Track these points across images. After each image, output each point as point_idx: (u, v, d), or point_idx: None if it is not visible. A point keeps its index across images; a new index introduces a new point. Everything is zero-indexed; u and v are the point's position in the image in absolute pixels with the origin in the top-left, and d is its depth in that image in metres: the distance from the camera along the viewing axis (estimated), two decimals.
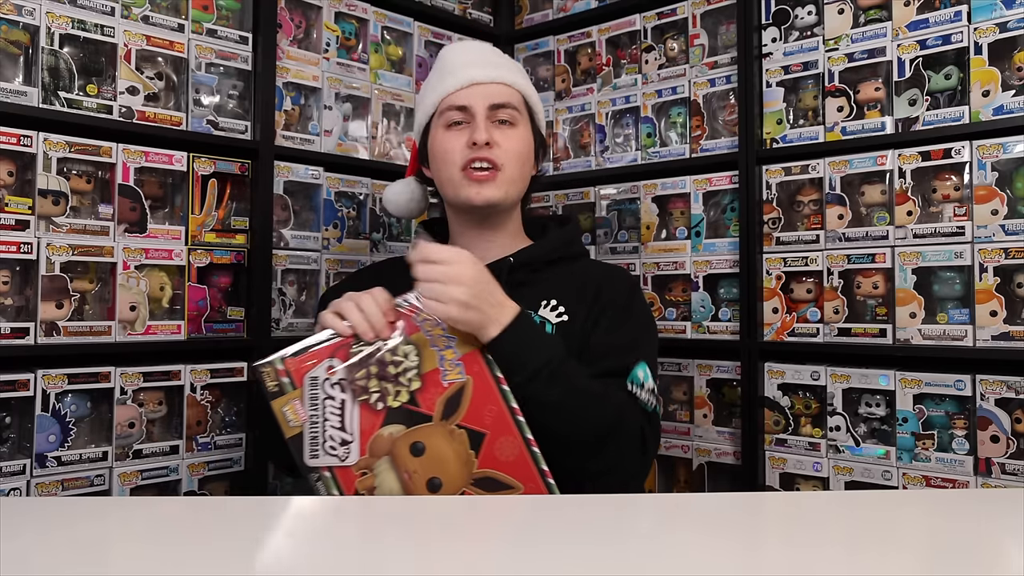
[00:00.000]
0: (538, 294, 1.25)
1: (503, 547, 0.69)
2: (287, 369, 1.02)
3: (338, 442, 1.02)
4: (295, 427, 1.02)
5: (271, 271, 1.67)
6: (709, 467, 1.81)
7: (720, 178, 1.81)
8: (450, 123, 1.26)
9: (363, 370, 1.03)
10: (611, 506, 0.86)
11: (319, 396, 1.03)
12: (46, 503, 1.01)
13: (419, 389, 1.03)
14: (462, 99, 1.25)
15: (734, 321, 1.77)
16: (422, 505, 0.90)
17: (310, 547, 0.69)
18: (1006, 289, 1.46)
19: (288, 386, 1.02)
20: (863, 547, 0.66)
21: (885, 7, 1.62)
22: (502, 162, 1.24)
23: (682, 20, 1.90)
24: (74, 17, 1.45)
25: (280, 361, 1.03)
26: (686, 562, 0.63)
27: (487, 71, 1.28)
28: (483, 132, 1.22)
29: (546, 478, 1.02)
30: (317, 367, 1.02)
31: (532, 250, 1.30)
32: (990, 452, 1.45)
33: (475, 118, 1.24)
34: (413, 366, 1.04)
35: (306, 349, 1.04)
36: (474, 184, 1.23)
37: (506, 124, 1.26)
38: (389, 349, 1.04)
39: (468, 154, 1.23)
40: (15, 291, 1.39)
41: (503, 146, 1.24)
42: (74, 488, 1.41)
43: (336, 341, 1.04)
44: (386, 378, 1.03)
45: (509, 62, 1.35)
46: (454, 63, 1.30)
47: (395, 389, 1.03)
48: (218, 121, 1.62)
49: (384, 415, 1.03)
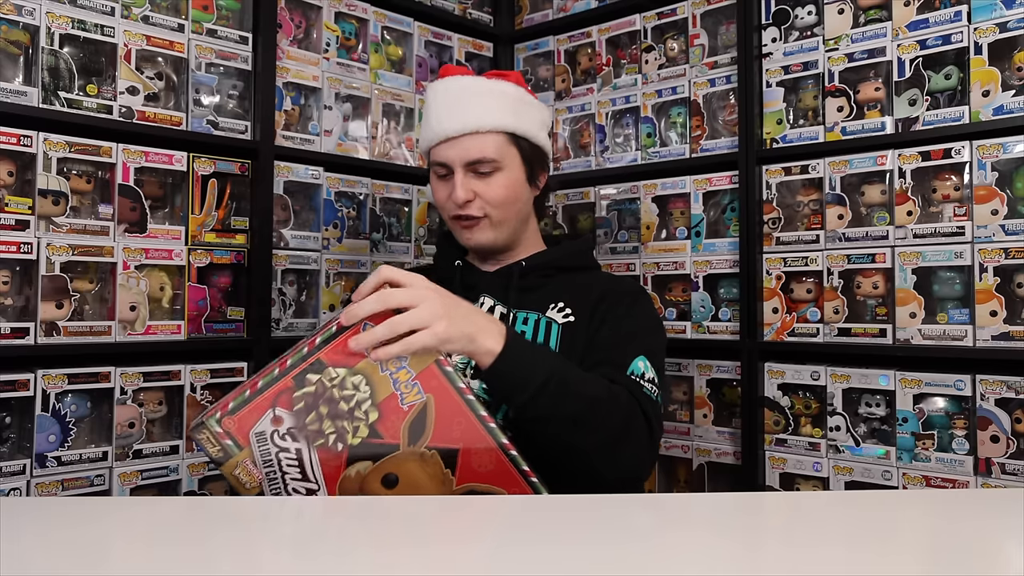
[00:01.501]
0: (546, 297, 1.27)
1: (503, 547, 0.69)
2: (226, 430, 0.93)
3: (304, 493, 0.95)
4: (252, 488, 0.95)
5: (271, 271, 1.67)
6: (709, 467, 1.81)
7: (720, 178, 1.81)
8: (437, 174, 1.29)
9: (312, 413, 0.94)
10: (610, 506, 0.86)
11: (271, 451, 0.94)
12: (46, 503, 1.01)
13: (378, 419, 0.96)
14: (440, 156, 1.27)
15: (734, 321, 1.77)
16: (421, 505, 0.89)
17: (310, 547, 0.69)
18: (1006, 289, 1.46)
19: (233, 448, 0.93)
20: (863, 547, 0.66)
21: (885, 7, 1.62)
22: (485, 212, 1.26)
23: (682, 20, 1.90)
24: (74, 17, 1.45)
25: (216, 423, 0.93)
26: (686, 562, 0.63)
27: (459, 122, 1.25)
28: (460, 191, 1.24)
29: (529, 478, 0.98)
30: (260, 420, 0.93)
31: (544, 255, 1.32)
32: (990, 452, 1.45)
33: (455, 175, 1.25)
34: (366, 397, 0.95)
35: (243, 403, 0.94)
36: (464, 231, 1.28)
37: (486, 174, 1.26)
38: (336, 385, 0.95)
39: (453, 208, 1.27)
40: (15, 291, 1.39)
41: (484, 196, 1.26)
42: (74, 488, 1.41)
43: (274, 388, 0.94)
44: (339, 416, 0.95)
45: (490, 100, 1.27)
46: (436, 109, 1.28)
47: (352, 426, 0.95)
48: (218, 121, 1.62)
49: (346, 454, 0.96)
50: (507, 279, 1.29)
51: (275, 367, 0.95)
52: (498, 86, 1.29)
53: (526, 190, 1.31)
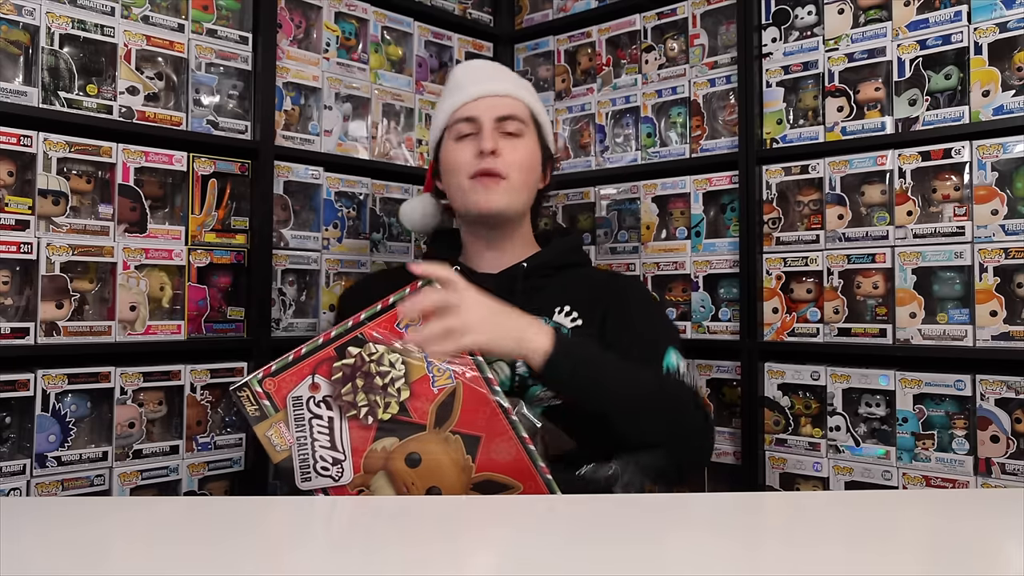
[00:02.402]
0: (551, 300, 1.28)
1: (503, 547, 0.69)
2: (266, 391, 0.99)
3: (330, 462, 0.99)
4: (282, 451, 0.99)
5: (271, 271, 1.67)
6: (709, 467, 1.81)
7: (720, 178, 1.81)
8: (460, 135, 1.31)
9: (348, 384, 1.00)
10: (611, 506, 0.86)
11: (304, 416, 0.99)
12: (46, 503, 1.01)
13: (409, 398, 1.00)
14: (470, 111, 1.30)
15: (734, 321, 1.77)
16: (423, 505, 0.90)
17: (310, 547, 0.69)
18: (1006, 289, 1.46)
19: (270, 409, 0.99)
20: (863, 547, 0.66)
21: (885, 7, 1.62)
22: (507, 172, 1.28)
23: (682, 20, 1.90)
24: (74, 17, 1.45)
25: (257, 383, 0.99)
26: (686, 562, 0.63)
27: (494, 85, 1.33)
28: (489, 141, 1.27)
29: (544, 475, 1.01)
30: (299, 386, 0.99)
31: (542, 255, 1.34)
32: (990, 452, 1.45)
33: (482, 129, 1.29)
34: (400, 375, 1.00)
35: (285, 367, 1.00)
36: (480, 190, 1.27)
37: (512, 135, 1.31)
38: (374, 360, 1.00)
39: (475, 163, 1.28)
40: (15, 291, 1.39)
41: (508, 157, 1.28)
42: (74, 488, 1.41)
43: (316, 356, 1.00)
44: (373, 390, 1.00)
45: (517, 79, 1.40)
46: (463, 80, 1.35)
47: (384, 401, 1.00)
48: (218, 121, 1.62)
49: (375, 429, 1.00)
50: (511, 281, 1.29)
51: (320, 337, 1.01)
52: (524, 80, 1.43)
53: (539, 170, 1.36)
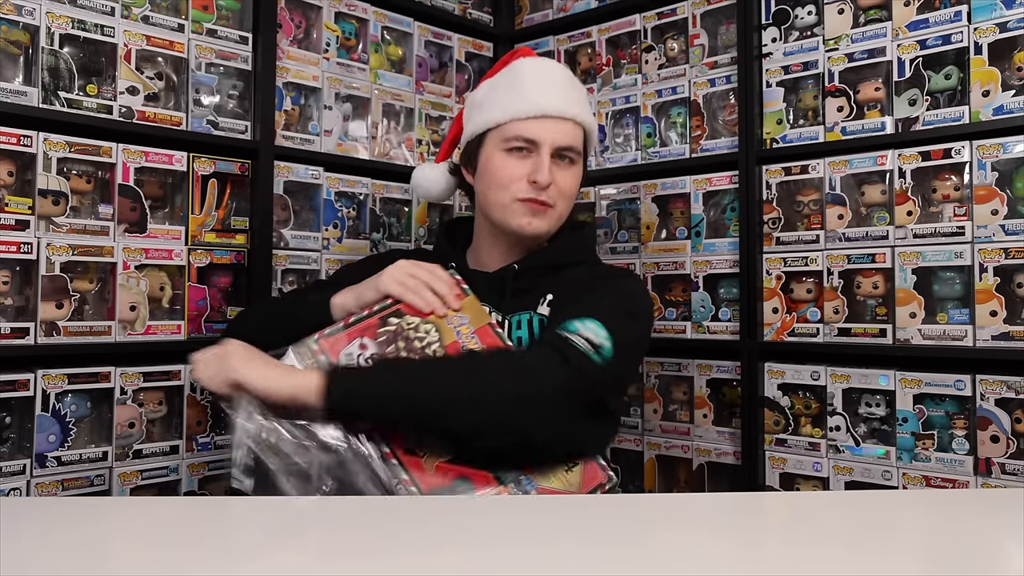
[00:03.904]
0: (539, 294, 1.27)
1: (503, 547, 0.69)
2: (322, 348, 1.12)
3: None
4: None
5: (271, 271, 1.67)
6: (709, 467, 1.81)
7: (720, 178, 1.81)
8: (511, 148, 1.25)
9: (392, 346, 1.13)
10: (611, 506, 0.86)
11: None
12: (46, 503, 1.01)
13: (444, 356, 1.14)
14: (531, 131, 1.23)
15: (734, 321, 1.77)
16: (420, 505, 0.90)
17: (310, 547, 0.69)
18: (1006, 289, 1.46)
19: (325, 363, 1.11)
20: (863, 547, 0.66)
21: (885, 7, 1.62)
22: (555, 201, 1.25)
23: (682, 20, 1.90)
24: (74, 17, 1.45)
25: (315, 342, 1.13)
26: (686, 562, 0.63)
27: (561, 105, 1.25)
28: (546, 174, 1.22)
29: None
30: (350, 345, 1.13)
31: (536, 257, 1.31)
32: (990, 452, 1.45)
33: (540, 154, 1.23)
34: (435, 339, 1.14)
35: (336, 331, 1.14)
36: (526, 214, 1.24)
37: (565, 161, 1.27)
38: (411, 328, 1.15)
39: (527, 190, 1.23)
40: (15, 291, 1.39)
41: (559, 184, 1.25)
42: (74, 488, 1.41)
43: (362, 324, 1.15)
44: (413, 351, 1.13)
45: (581, 94, 1.32)
46: (530, 83, 1.26)
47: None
48: (218, 121, 1.62)
49: None
50: (500, 281, 1.28)
51: (364, 310, 1.17)
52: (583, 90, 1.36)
53: (577, 194, 1.32)
